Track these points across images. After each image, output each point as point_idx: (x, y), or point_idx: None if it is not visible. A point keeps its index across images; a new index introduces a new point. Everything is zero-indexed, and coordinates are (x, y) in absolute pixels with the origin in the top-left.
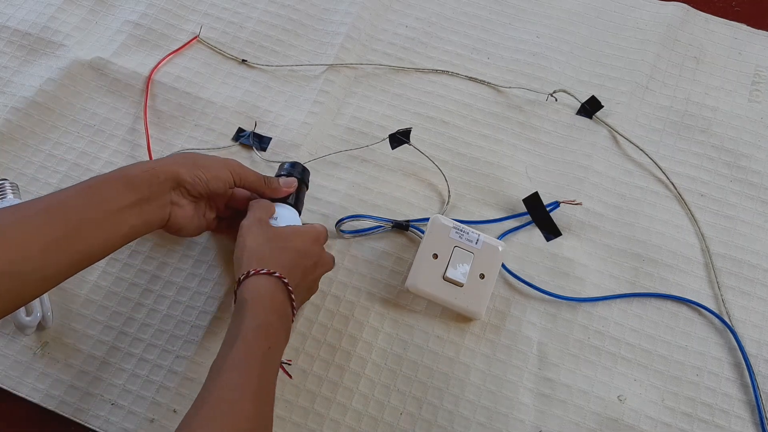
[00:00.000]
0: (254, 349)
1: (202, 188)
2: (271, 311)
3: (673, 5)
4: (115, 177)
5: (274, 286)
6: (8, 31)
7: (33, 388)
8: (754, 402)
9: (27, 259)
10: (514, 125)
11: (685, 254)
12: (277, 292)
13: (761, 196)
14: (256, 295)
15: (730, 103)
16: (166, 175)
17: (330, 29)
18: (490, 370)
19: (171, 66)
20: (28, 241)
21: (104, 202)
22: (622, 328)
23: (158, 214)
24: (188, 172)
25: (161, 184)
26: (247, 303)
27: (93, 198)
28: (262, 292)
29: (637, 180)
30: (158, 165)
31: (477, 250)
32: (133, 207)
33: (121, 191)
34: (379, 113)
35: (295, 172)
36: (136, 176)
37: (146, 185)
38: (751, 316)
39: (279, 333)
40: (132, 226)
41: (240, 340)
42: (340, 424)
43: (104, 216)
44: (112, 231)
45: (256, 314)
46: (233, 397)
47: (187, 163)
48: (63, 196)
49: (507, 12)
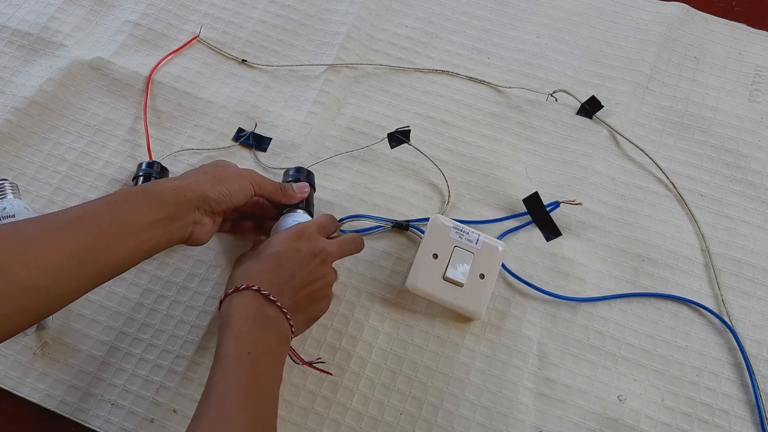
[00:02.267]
0: (234, 359)
1: (226, 204)
2: (244, 320)
3: (673, 5)
4: (143, 194)
5: (246, 296)
6: (8, 31)
7: (33, 388)
8: (754, 402)
9: (51, 273)
10: (514, 125)
11: (685, 254)
12: (249, 300)
13: (761, 196)
14: (229, 312)
15: (730, 103)
16: (192, 194)
17: (330, 29)
18: (490, 370)
19: (171, 66)
20: (53, 254)
21: (130, 218)
22: (622, 328)
23: (181, 232)
24: (212, 189)
25: (187, 203)
26: (221, 322)
27: (119, 213)
28: (235, 306)
29: (637, 180)
30: (185, 183)
31: (477, 250)
32: (158, 224)
33: (148, 208)
34: (379, 113)
35: (302, 177)
36: (164, 194)
37: (173, 204)
38: (751, 316)
39: (258, 338)
40: (155, 243)
41: (221, 354)
42: (340, 424)
43: (129, 231)
44: (135, 246)
45: (230, 328)
46: (224, 409)
47: (210, 179)
48: (90, 209)
49: (507, 12)
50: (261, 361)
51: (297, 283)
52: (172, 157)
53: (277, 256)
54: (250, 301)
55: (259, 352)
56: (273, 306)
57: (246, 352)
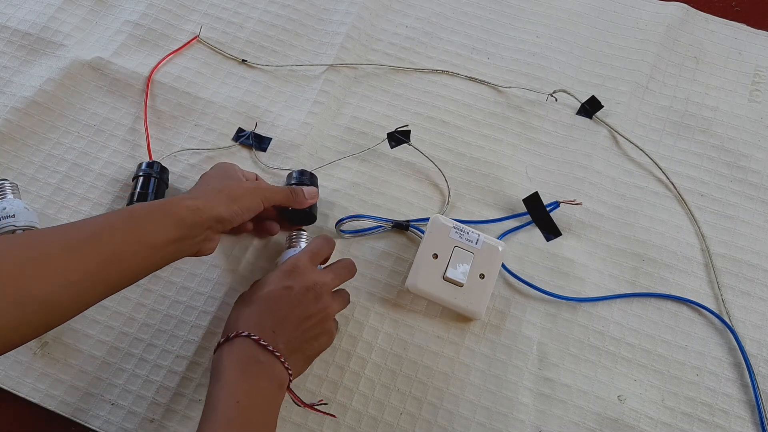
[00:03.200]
0: (222, 409)
1: (237, 222)
2: (234, 369)
3: (673, 5)
4: (161, 213)
5: (236, 345)
6: (8, 31)
7: (33, 388)
8: (754, 402)
9: (65, 289)
10: (514, 125)
11: (685, 254)
12: (239, 348)
13: (761, 196)
14: (219, 363)
15: (730, 103)
16: (208, 215)
17: (330, 29)
18: (490, 370)
19: (171, 66)
20: (70, 271)
21: (146, 236)
22: (622, 328)
23: (191, 249)
24: (227, 210)
25: (202, 223)
26: (212, 373)
27: (138, 232)
28: (225, 355)
29: (637, 180)
30: (201, 204)
31: (477, 250)
32: (171, 243)
33: (165, 228)
34: (379, 113)
35: (305, 179)
36: (182, 216)
37: (188, 226)
38: (751, 316)
39: (248, 386)
40: (165, 259)
41: (209, 404)
42: (340, 424)
43: (143, 249)
44: (147, 263)
45: (220, 378)
46: None
47: (224, 200)
48: (109, 223)
49: (507, 12)
50: (251, 409)
51: (291, 323)
52: (172, 157)
53: (269, 298)
54: (240, 349)
55: (249, 400)
56: (265, 351)
57: (234, 401)
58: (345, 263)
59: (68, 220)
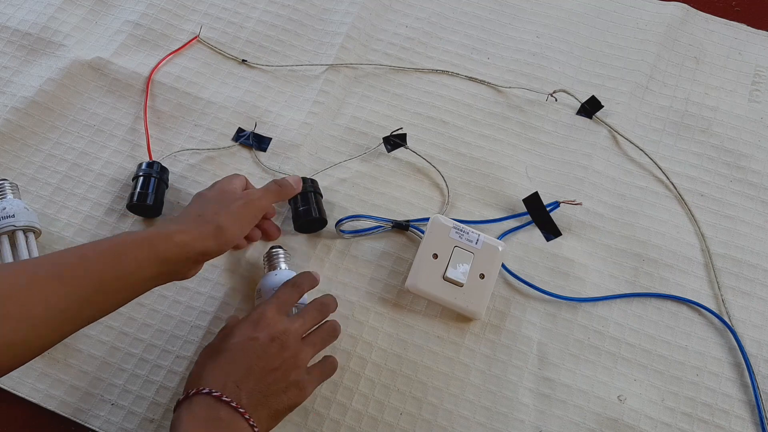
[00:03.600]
0: None
1: (226, 250)
2: (193, 428)
3: (673, 5)
4: (149, 249)
5: (196, 402)
6: (8, 31)
7: (33, 388)
8: (754, 402)
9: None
10: (514, 125)
11: (685, 254)
12: (199, 406)
13: (761, 196)
14: (179, 422)
15: (730, 103)
16: (195, 251)
17: (330, 29)
18: (490, 370)
19: (171, 66)
20: (35, 310)
21: (131, 274)
22: (622, 328)
23: (174, 278)
24: (215, 243)
25: (188, 258)
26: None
27: (117, 265)
28: (184, 414)
29: (637, 180)
30: (190, 238)
31: (477, 250)
32: (156, 278)
33: (149, 265)
34: (379, 113)
35: (308, 185)
36: (168, 253)
37: (173, 262)
38: (751, 316)
39: None
40: (147, 289)
41: None
42: (340, 424)
43: (124, 285)
44: (128, 295)
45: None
46: None
47: (212, 232)
48: (85, 256)
49: (507, 12)
50: None
51: (255, 375)
52: (172, 157)
53: (233, 350)
54: (200, 406)
55: None
56: (227, 407)
57: None
58: (315, 303)
59: (68, 220)
